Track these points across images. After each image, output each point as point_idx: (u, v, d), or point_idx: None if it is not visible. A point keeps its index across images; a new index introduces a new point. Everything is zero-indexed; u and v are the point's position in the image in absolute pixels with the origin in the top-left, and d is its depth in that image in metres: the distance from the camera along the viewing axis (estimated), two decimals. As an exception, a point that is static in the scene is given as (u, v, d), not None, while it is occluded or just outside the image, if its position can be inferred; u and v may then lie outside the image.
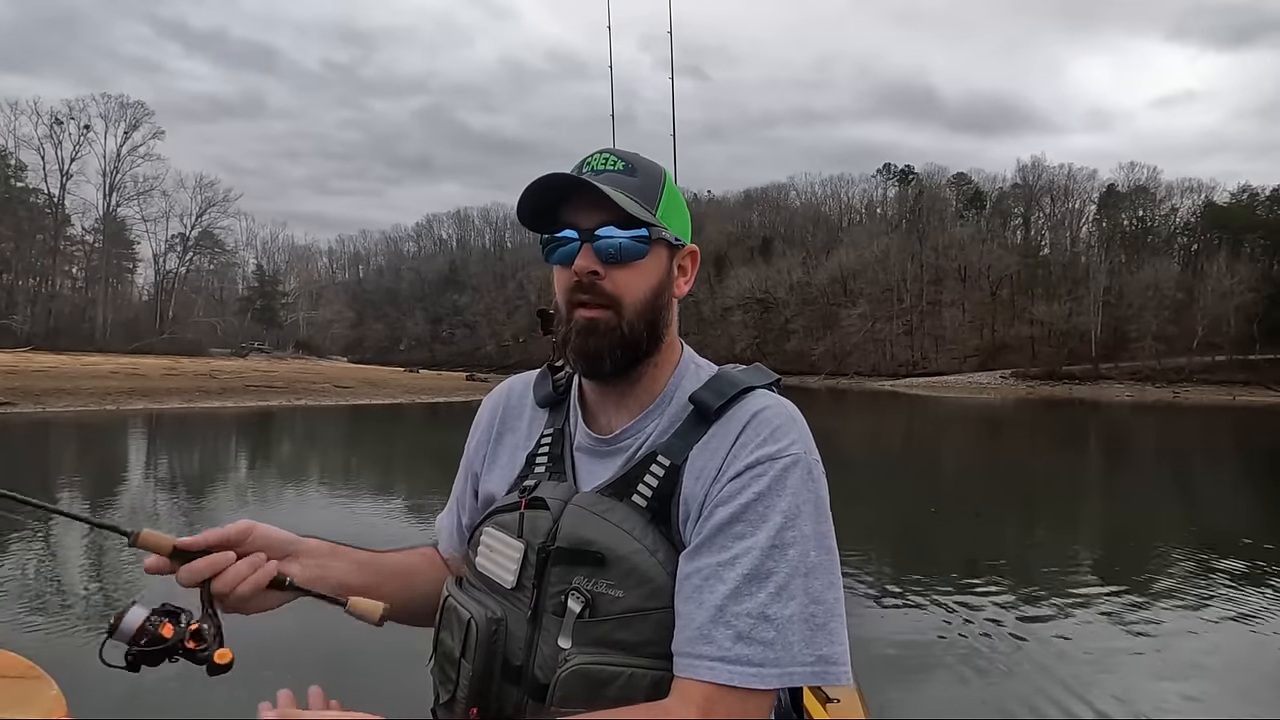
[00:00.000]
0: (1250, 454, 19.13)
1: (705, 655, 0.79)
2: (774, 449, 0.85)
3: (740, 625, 0.79)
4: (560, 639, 0.84)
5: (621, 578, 0.83)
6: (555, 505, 0.89)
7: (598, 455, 0.94)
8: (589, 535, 0.85)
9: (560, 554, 0.86)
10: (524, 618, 0.87)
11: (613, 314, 0.88)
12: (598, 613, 0.83)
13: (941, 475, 13.91)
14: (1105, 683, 3.80)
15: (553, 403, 1.02)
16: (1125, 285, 67.98)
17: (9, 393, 20.67)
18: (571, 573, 0.85)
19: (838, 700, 1.80)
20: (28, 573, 5.23)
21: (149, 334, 56.78)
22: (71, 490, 9.59)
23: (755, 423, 0.87)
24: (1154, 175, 77.79)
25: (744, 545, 0.81)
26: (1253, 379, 55.03)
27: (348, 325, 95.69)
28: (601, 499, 0.88)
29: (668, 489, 0.87)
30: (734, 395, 0.90)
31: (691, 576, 0.82)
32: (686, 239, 0.95)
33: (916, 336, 77.46)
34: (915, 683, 3.81)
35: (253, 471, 12.02)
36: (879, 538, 7.18)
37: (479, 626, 0.88)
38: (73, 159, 61.36)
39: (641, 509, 0.87)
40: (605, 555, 0.84)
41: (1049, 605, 5.11)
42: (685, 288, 0.96)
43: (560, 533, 0.87)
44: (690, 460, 0.88)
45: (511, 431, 1.04)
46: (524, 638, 0.87)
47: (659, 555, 0.84)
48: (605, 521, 0.86)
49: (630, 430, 0.93)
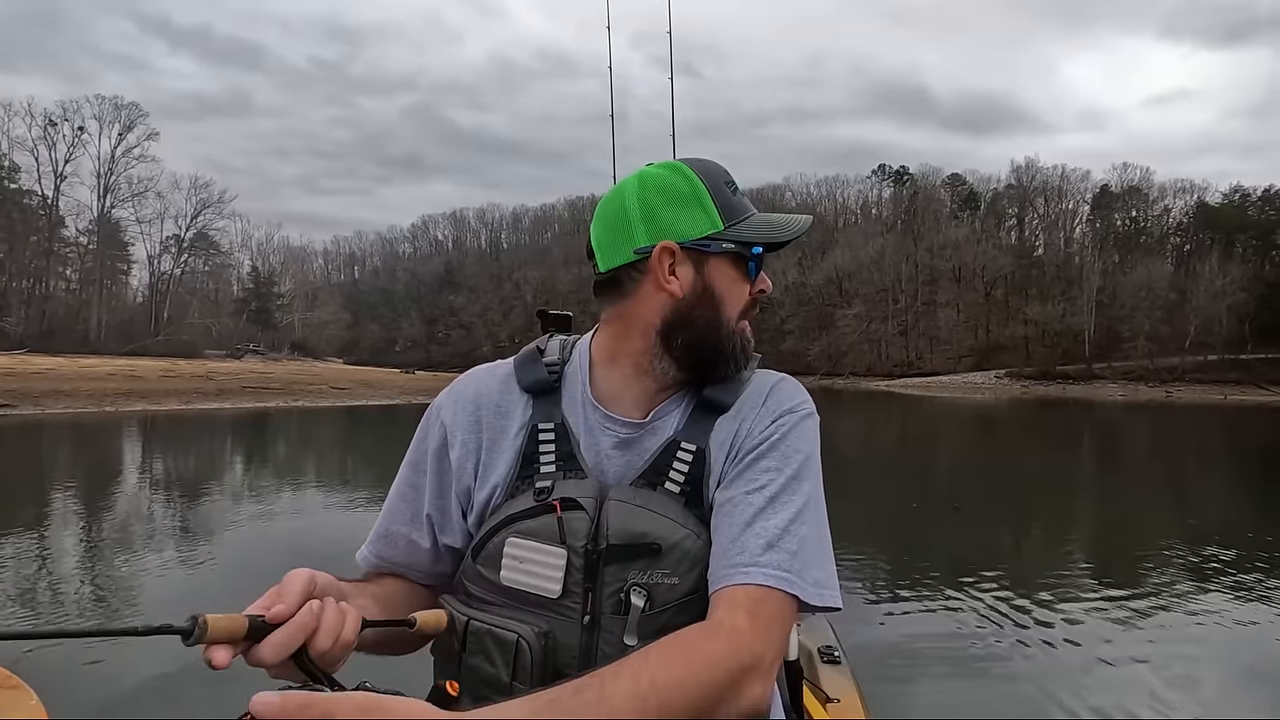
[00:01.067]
0: (1242, 452, 19.27)
1: (739, 563, 0.83)
2: (794, 404, 0.95)
3: (769, 535, 0.84)
4: (626, 637, 0.84)
5: (675, 564, 0.85)
6: (589, 504, 0.87)
7: (627, 444, 0.93)
8: (640, 528, 0.86)
9: (614, 551, 0.85)
10: (575, 625, 0.85)
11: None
12: (656, 603, 0.85)
13: (934, 473, 13.99)
14: (1104, 682, 3.83)
15: (543, 389, 0.97)
16: (1118, 286, 68.28)
17: (7, 395, 20.71)
18: (627, 569, 0.85)
19: (838, 700, 1.82)
20: (6, 579, 5.19)
21: (144, 336, 56.67)
22: (80, 496, 9.64)
23: (777, 390, 0.97)
24: (1147, 176, 78.35)
25: (770, 476, 0.88)
26: (1245, 378, 55.37)
27: (343, 326, 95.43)
28: (639, 491, 0.89)
29: (698, 473, 0.90)
30: (742, 385, 0.97)
31: (724, 505, 0.88)
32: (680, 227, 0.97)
33: (911, 337, 77.73)
34: (915, 682, 3.82)
35: (255, 473, 12.08)
36: (873, 536, 7.23)
37: (530, 645, 0.84)
38: (67, 160, 61.26)
39: (676, 495, 0.89)
40: (661, 545, 0.85)
41: (1046, 604, 5.14)
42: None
43: (609, 530, 0.86)
44: (713, 440, 0.92)
45: (504, 433, 0.96)
46: (578, 646, 0.85)
47: (703, 537, 0.87)
48: (651, 512, 0.87)
49: (661, 412, 0.94)
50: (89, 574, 5.58)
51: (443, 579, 0.98)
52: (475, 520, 0.95)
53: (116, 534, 7.03)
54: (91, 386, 24.21)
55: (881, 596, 5.25)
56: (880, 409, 36.21)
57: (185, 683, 3.29)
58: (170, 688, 3.34)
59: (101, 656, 3.71)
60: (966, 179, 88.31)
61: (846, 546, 6.21)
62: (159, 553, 6.11)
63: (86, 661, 3.69)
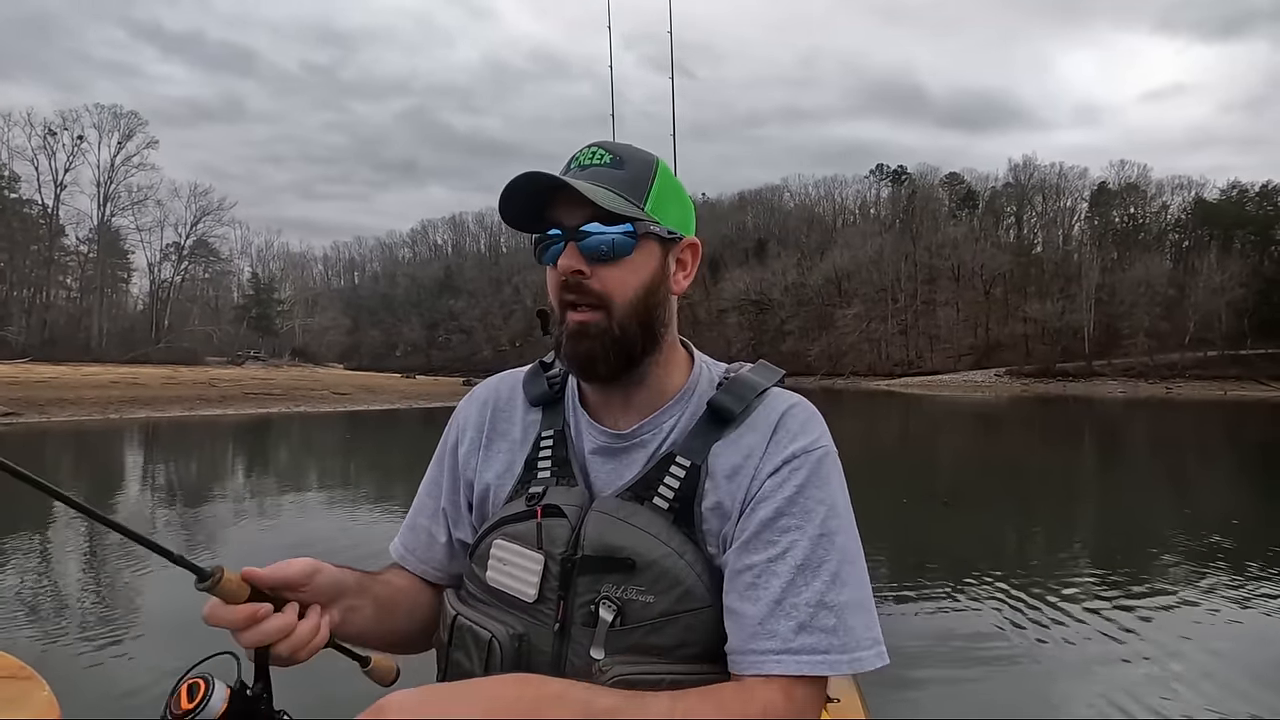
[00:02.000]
0: (1243, 448, 19.31)
1: (770, 650, 0.78)
2: (807, 442, 0.86)
3: (800, 615, 0.79)
4: (593, 650, 0.82)
5: (652, 582, 0.82)
6: (572, 512, 0.86)
7: (612, 454, 0.91)
8: (617, 541, 0.83)
9: (588, 562, 0.84)
10: (549, 631, 0.85)
11: (603, 315, 0.86)
12: (628, 620, 0.82)
13: (933, 470, 14.03)
14: (1104, 682, 3.81)
15: (547, 401, 0.97)
16: (1117, 282, 68.39)
17: (13, 403, 20.94)
18: (600, 581, 0.83)
19: (838, 700, 1.79)
20: (21, 574, 5.25)
21: (145, 343, 56.81)
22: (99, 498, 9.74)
23: (786, 420, 0.87)
24: (1144, 173, 78.53)
25: (792, 538, 0.81)
26: (1245, 374, 55.37)
27: (343, 332, 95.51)
28: (623, 504, 0.86)
29: (689, 490, 0.85)
30: (755, 396, 0.90)
31: (744, 574, 0.81)
32: (686, 231, 0.91)
33: (911, 336, 77.83)
34: (916, 683, 3.79)
35: (259, 477, 12.19)
36: (873, 536, 7.16)
37: (502, 645, 0.85)
38: (66, 169, 61.35)
39: (664, 511, 0.85)
40: (635, 561, 0.82)
41: (1047, 603, 5.13)
42: (684, 283, 0.92)
43: (585, 540, 0.84)
44: (714, 460, 0.86)
45: (504, 435, 0.99)
46: (550, 652, 0.84)
47: (686, 557, 0.83)
48: (631, 526, 0.84)
49: (649, 425, 0.90)
50: (82, 574, 5.64)
51: (456, 579, 0.99)
52: (477, 517, 0.97)
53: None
54: (95, 394, 24.43)
55: (882, 596, 5.18)
56: (881, 408, 36.23)
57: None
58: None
59: (114, 654, 3.78)
60: (964, 178, 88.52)
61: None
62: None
63: (93, 665, 3.77)
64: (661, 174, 0.89)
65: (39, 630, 4.12)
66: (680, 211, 0.91)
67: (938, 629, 4.59)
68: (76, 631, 4.13)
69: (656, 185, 0.88)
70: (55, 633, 3.98)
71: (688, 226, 0.92)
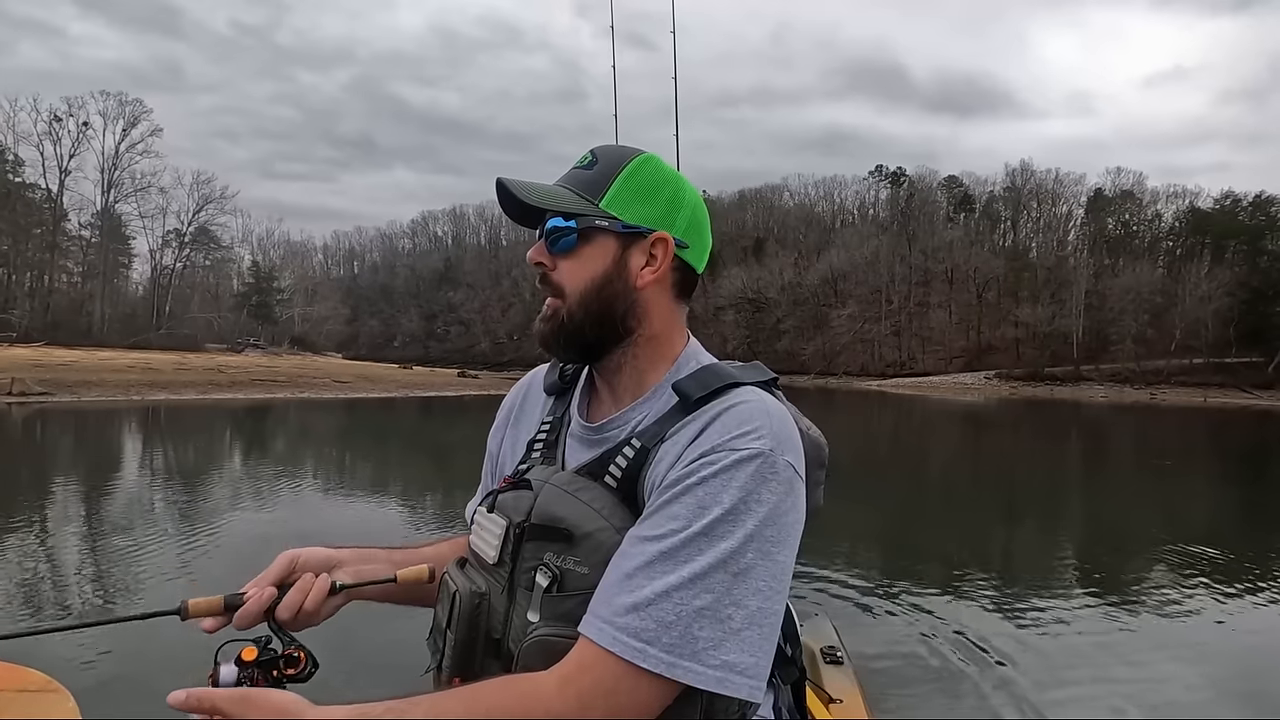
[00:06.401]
0: (1227, 453, 19.62)
1: (598, 614, 0.79)
2: (734, 440, 0.82)
3: (640, 595, 0.77)
4: (530, 612, 0.85)
5: (588, 554, 0.84)
6: (538, 485, 0.91)
7: (585, 443, 0.96)
8: (559, 512, 0.87)
9: (533, 530, 0.88)
10: (503, 592, 0.89)
11: (561, 303, 0.92)
12: (565, 588, 0.84)
13: (926, 471, 14.19)
14: (1104, 681, 3.84)
15: (559, 391, 1.06)
16: (1107, 289, 69.07)
17: (44, 384, 22.28)
18: (543, 549, 0.86)
19: (840, 700, 1.85)
20: (45, 586, 5.17)
21: (145, 329, 57.29)
22: (130, 471, 10.48)
23: (728, 415, 0.85)
24: (1140, 180, 79.31)
25: (671, 526, 0.79)
26: (1228, 381, 56.13)
27: (342, 321, 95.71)
28: (576, 479, 0.90)
29: (635, 469, 0.87)
30: (718, 388, 0.88)
31: (622, 544, 0.82)
32: (663, 226, 0.92)
33: (904, 337, 78.52)
34: (918, 682, 3.80)
35: (273, 457, 12.89)
36: (873, 536, 7.33)
37: (462, 599, 0.90)
38: (71, 155, 61.63)
39: (612, 489, 0.87)
40: (573, 532, 0.85)
41: (1047, 603, 5.19)
42: (649, 277, 0.92)
43: (535, 510, 0.89)
44: (664, 444, 0.87)
45: (525, 420, 1.08)
46: (503, 612, 0.89)
47: (624, 533, 0.84)
48: (576, 500, 0.87)
49: (617, 420, 0.94)
50: (108, 586, 5.35)
51: None
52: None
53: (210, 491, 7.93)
54: (115, 378, 25.70)
55: (882, 596, 5.19)
56: (873, 408, 36.51)
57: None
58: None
59: (137, 650, 3.67)
60: (963, 180, 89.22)
61: (847, 546, 6.33)
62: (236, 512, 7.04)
63: (118, 670, 3.61)
64: (632, 171, 0.92)
65: (63, 643, 3.57)
66: (651, 207, 0.92)
67: (941, 629, 4.57)
68: (101, 643, 3.73)
69: (619, 182, 0.91)
70: (79, 645, 3.64)
71: (664, 222, 0.93)
